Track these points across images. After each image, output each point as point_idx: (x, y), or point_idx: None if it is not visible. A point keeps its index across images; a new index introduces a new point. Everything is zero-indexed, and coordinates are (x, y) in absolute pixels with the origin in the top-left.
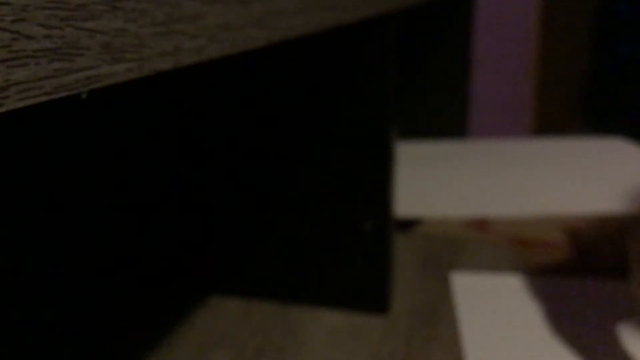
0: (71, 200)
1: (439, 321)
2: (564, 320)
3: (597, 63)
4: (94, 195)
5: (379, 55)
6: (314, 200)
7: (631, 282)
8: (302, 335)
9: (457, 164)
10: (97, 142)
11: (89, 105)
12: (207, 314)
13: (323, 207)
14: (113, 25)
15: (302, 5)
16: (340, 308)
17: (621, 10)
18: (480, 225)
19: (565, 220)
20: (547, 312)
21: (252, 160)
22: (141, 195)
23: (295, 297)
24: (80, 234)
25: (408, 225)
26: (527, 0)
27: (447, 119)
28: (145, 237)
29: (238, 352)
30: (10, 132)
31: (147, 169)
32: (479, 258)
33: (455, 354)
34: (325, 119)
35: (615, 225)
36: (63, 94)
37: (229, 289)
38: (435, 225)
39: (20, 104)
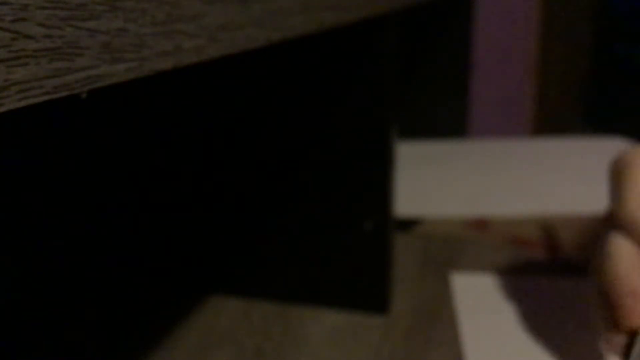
0: (71, 200)
1: (439, 321)
2: (564, 320)
3: (597, 63)
4: (94, 195)
5: (379, 55)
6: (313, 200)
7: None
8: (302, 335)
9: (457, 164)
10: (97, 142)
11: (89, 105)
12: (207, 314)
13: (323, 207)
14: (113, 25)
15: (303, 5)
16: (340, 308)
17: (621, 10)
18: (480, 225)
19: (566, 220)
20: (547, 312)
21: (251, 160)
22: (141, 195)
23: (295, 297)
24: (79, 234)
25: (408, 225)
26: (527, 0)
27: (447, 119)
28: (145, 236)
29: (238, 352)
30: (10, 132)
31: (147, 169)
32: (479, 258)
33: (455, 354)
34: (325, 118)
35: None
36: (63, 94)
37: (229, 289)
38: (435, 225)
39: (20, 104)
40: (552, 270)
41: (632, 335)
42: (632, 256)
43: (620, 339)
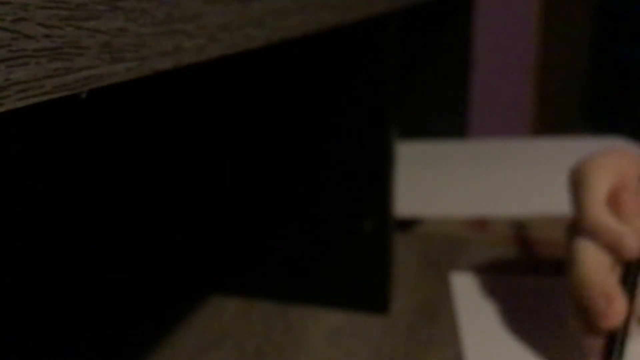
0: (71, 200)
1: (439, 321)
2: (564, 320)
3: (597, 63)
4: (94, 195)
5: (379, 55)
6: (313, 199)
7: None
8: (302, 335)
9: (457, 164)
10: (97, 142)
11: (89, 105)
12: (207, 314)
13: (323, 207)
14: (113, 25)
15: (302, 5)
16: (340, 308)
17: (621, 11)
18: (480, 225)
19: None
20: (547, 311)
21: (251, 160)
22: (141, 195)
23: (295, 297)
24: (79, 234)
25: (408, 225)
26: (527, 0)
27: (447, 119)
28: (145, 236)
29: (238, 352)
30: (10, 132)
31: (147, 168)
32: (479, 258)
33: (455, 354)
34: (325, 118)
35: None
36: (63, 94)
37: (229, 289)
38: (435, 225)
39: (20, 104)
40: (552, 271)
41: (610, 337)
42: (599, 259)
43: (599, 342)
